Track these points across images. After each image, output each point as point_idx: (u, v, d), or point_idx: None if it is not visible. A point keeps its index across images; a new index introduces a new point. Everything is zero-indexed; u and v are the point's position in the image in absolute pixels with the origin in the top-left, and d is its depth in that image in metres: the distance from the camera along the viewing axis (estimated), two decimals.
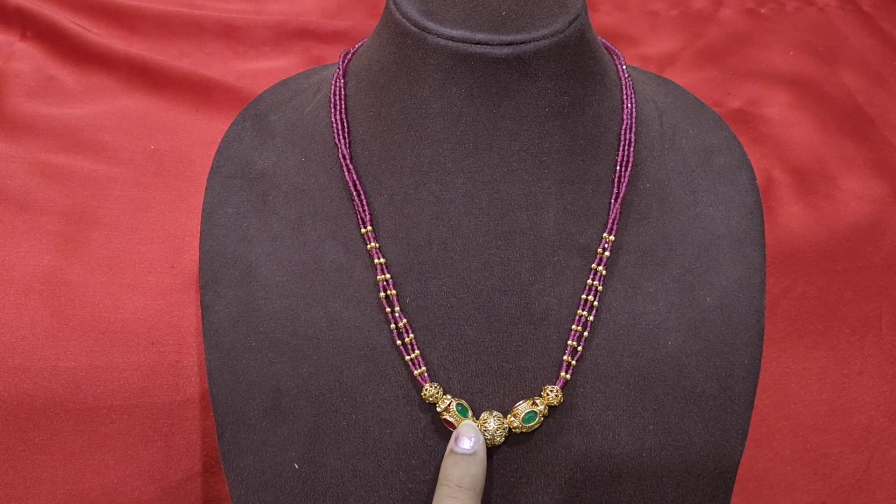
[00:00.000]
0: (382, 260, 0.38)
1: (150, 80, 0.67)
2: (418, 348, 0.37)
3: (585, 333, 0.37)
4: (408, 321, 0.37)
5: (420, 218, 0.38)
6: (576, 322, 0.37)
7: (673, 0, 0.82)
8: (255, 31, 0.74)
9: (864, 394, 0.53)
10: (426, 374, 0.36)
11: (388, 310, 0.37)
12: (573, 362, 0.36)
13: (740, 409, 0.37)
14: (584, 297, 0.37)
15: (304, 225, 0.39)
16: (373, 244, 0.38)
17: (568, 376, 0.36)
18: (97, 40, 0.69)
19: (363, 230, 0.38)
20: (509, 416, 0.36)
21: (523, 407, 0.36)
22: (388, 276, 0.37)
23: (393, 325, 0.37)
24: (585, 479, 0.36)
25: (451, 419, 0.35)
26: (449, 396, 0.36)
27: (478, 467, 0.34)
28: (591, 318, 0.37)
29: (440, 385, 0.36)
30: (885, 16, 0.79)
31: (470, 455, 0.34)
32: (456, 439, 0.35)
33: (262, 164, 0.42)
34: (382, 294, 0.37)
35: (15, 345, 0.47)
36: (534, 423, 0.35)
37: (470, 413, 0.36)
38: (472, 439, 0.35)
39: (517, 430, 0.36)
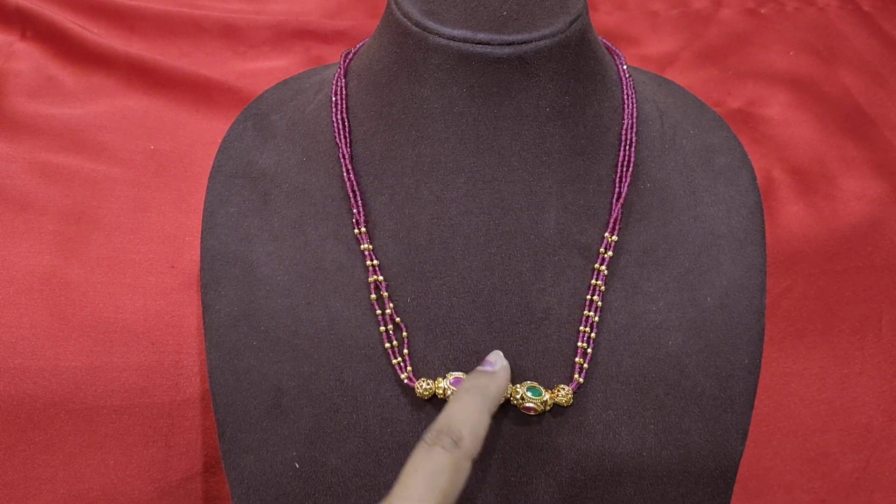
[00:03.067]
0: (376, 262, 0.38)
1: (150, 80, 0.67)
2: (408, 347, 0.37)
3: (592, 334, 0.37)
4: (408, 320, 0.37)
5: (421, 217, 0.38)
6: (583, 323, 0.37)
7: (673, 0, 0.82)
8: (255, 31, 0.74)
9: (864, 394, 0.53)
10: (412, 376, 0.36)
11: (378, 312, 0.37)
12: (585, 364, 0.36)
13: (740, 408, 0.37)
14: (588, 297, 0.37)
15: (305, 224, 0.39)
16: (366, 245, 0.38)
17: (581, 379, 0.36)
18: (97, 40, 0.69)
19: (356, 231, 0.38)
20: (516, 385, 0.36)
21: (528, 384, 0.35)
22: (380, 277, 0.37)
23: (382, 328, 0.37)
24: (586, 479, 0.36)
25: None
26: (441, 378, 0.36)
27: (490, 379, 0.34)
28: (597, 318, 0.37)
29: (430, 378, 0.36)
30: (885, 16, 0.79)
31: (488, 371, 0.35)
32: (483, 362, 0.35)
33: (263, 163, 0.42)
34: (374, 296, 0.37)
35: (15, 345, 0.47)
36: (535, 402, 0.35)
37: None
38: (494, 363, 0.35)
39: (517, 403, 0.35)
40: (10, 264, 0.50)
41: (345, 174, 0.39)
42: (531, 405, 0.35)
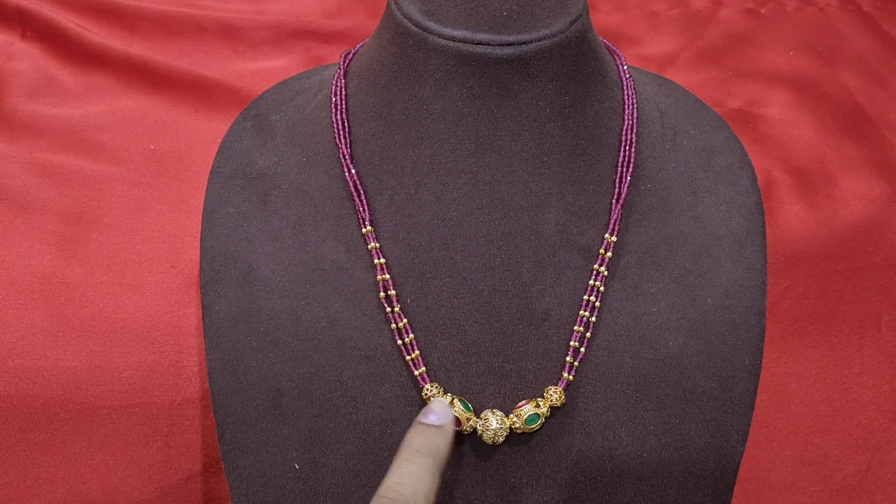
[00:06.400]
0: (383, 260, 0.38)
1: (150, 80, 0.67)
2: (418, 348, 0.37)
3: (588, 334, 0.37)
4: (408, 321, 0.37)
5: (421, 218, 0.38)
6: (578, 322, 0.37)
7: (673, 0, 0.82)
8: (255, 31, 0.74)
9: (864, 394, 0.53)
10: (426, 375, 0.36)
11: (388, 310, 0.37)
12: (575, 363, 0.36)
13: (741, 409, 0.37)
14: (585, 297, 0.37)
15: (304, 225, 0.39)
16: (373, 244, 0.38)
17: (570, 377, 0.36)
18: (97, 40, 0.69)
19: (364, 230, 0.38)
20: (511, 415, 0.36)
21: (527, 409, 0.35)
22: (388, 276, 0.37)
23: (393, 325, 0.37)
24: (586, 480, 0.36)
25: (455, 413, 0.35)
26: (450, 395, 0.36)
27: (440, 438, 0.34)
28: (594, 318, 0.37)
29: (440, 385, 0.36)
30: (885, 16, 0.79)
31: (436, 426, 0.34)
32: (425, 414, 0.34)
33: (262, 164, 0.42)
34: (382, 294, 0.37)
35: (15, 345, 0.47)
36: (535, 426, 0.35)
37: (471, 409, 0.36)
38: (441, 415, 0.34)
39: (518, 431, 0.36)
40: (10, 264, 0.50)
41: (346, 174, 0.39)
42: (534, 426, 0.36)
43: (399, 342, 0.37)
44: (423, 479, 0.32)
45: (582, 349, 0.37)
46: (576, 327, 0.37)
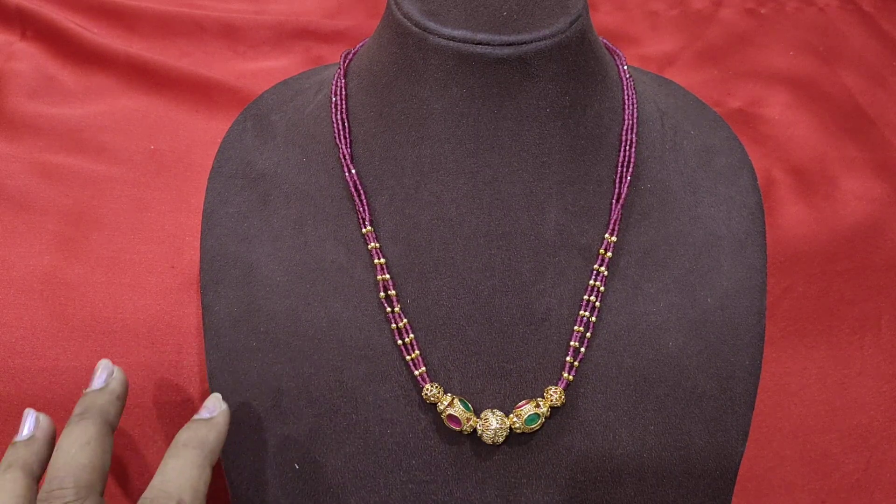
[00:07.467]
0: (383, 260, 0.38)
1: (150, 80, 0.67)
2: (418, 348, 0.37)
3: (588, 334, 0.37)
4: (408, 321, 0.37)
5: (421, 218, 0.38)
6: (578, 322, 0.37)
7: (673, 0, 0.82)
8: (255, 31, 0.74)
9: (864, 394, 0.53)
10: (426, 375, 0.36)
11: (388, 310, 0.37)
12: (575, 363, 0.36)
13: (741, 409, 0.37)
14: (585, 297, 0.37)
15: (304, 225, 0.39)
16: (373, 244, 0.38)
17: (570, 377, 0.36)
18: (97, 40, 0.68)
19: (364, 230, 0.38)
20: (511, 415, 0.36)
21: (527, 409, 0.35)
22: (388, 276, 0.37)
23: (393, 325, 0.37)
24: (586, 480, 0.36)
25: (455, 413, 0.35)
26: (450, 395, 0.36)
27: (208, 429, 0.33)
28: (594, 318, 0.37)
29: (440, 385, 0.36)
30: (885, 16, 0.79)
31: (203, 420, 0.34)
32: (202, 407, 0.35)
33: (263, 164, 0.42)
34: (382, 294, 0.37)
35: (15, 345, 0.47)
36: (535, 426, 0.35)
37: (471, 409, 0.36)
38: (211, 408, 0.34)
39: (518, 431, 0.36)
40: (10, 264, 0.50)
41: (346, 174, 0.39)
42: (534, 426, 0.36)
43: (399, 342, 0.37)
44: (189, 472, 0.32)
45: (582, 349, 0.37)
46: (576, 327, 0.37)
